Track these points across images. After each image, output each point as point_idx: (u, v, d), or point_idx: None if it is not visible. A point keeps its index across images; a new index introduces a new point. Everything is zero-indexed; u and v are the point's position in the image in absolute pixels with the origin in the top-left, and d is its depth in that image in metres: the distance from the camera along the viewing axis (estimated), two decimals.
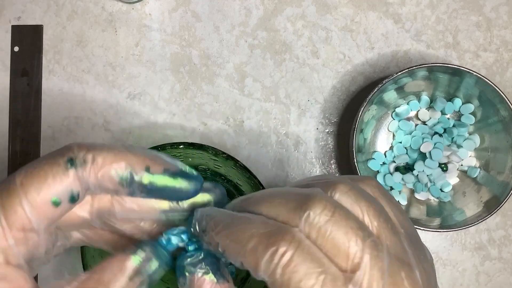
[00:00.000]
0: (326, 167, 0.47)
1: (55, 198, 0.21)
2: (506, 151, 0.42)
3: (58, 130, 0.47)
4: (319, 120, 0.47)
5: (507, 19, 0.48)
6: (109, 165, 0.22)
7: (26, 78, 0.47)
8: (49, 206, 0.21)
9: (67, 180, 0.21)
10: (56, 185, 0.21)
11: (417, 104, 0.46)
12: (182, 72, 0.47)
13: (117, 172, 0.22)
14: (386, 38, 0.48)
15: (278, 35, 0.48)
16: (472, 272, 0.47)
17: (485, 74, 0.47)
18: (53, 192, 0.21)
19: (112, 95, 0.47)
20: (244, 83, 0.47)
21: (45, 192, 0.21)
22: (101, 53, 0.47)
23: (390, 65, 0.47)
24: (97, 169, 0.22)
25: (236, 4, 0.48)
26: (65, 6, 0.48)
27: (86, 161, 0.21)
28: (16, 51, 0.47)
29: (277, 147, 0.47)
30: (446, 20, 0.48)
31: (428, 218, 0.44)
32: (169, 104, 0.47)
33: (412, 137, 0.45)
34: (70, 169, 0.21)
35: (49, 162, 0.21)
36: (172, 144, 0.37)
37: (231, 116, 0.47)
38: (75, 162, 0.21)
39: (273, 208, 0.21)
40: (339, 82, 0.47)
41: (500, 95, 0.41)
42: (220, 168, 0.40)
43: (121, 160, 0.22)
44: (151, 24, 0.48)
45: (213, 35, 0.47)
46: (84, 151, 0.21)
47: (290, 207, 0.20)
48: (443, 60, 0.47)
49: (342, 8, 0.48)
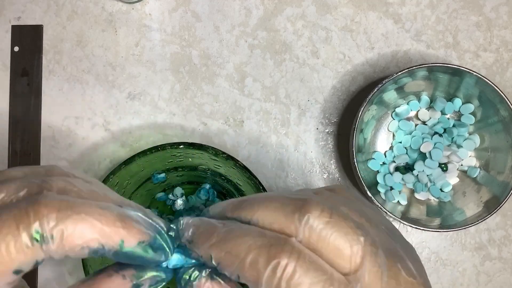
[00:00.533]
0: (326, 167, 0.47)
1: (17, 269, 0.20)
2: (506, 151, 0.42)
3: (58, 130, 0.47)
4: (319, 120, 0.47)
5: (507, 19, 0.48)
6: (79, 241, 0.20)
7: (26, 78, 0.47)
8: (10, 274, 0.20)
9: (31, 254, 0.20)
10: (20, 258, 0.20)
11: (417, 104, 0.46)
12: (182, 72, 0.47)
13: (88, 247, 0.20)
14: (386, 38, 0.48)
15: (278, 35, 0.48)
16: (472, 272, 0.47)
17: (485, 74, 0.47)
18: (16, 264, 0.20)
19: (112, 95, 0.47)
20: (244, 83, 0.47)
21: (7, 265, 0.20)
22: (101, 53, 0.47)
23: (390, 65, 0.47)
24: (66, 245, 0.20)
25: (236, 4, 0.48)
26: (65, 6, 0.48)
27: (54, 237, 0.20)
28: (16, 51, 0.47)
29: (277, 147, 0.47)
30: (446, 20, 0.48)
31: (428, 218, 0.44)
32: (169, 104, 0.47)
33: (412, 137, 0.45)
34: (35, 245, 0.19)
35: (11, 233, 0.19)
36: (172, 144, 0.37)
37: (231, 116, 0.47)
38: (42, 239, 0.19)
39: (269, 212, 0.21)
40: (339, 82, 0.47)
41: (500, 95, 0.41)
42: (220, 168, 0.40)
43: (93, 234, 0.20)
44: (151, 24, 0.48)
45: (213, 35, 0.47)
46: (53, 222, 0.20)
47: (287, 211, 0.20)
48: (443, 60, 0.47)
49: (342, 8, 0.48)
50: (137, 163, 0.38)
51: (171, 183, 0.45)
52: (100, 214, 0.20)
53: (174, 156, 0.39)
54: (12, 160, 0.46)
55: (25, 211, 0.20)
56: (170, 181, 0.44)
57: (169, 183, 0.45)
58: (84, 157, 0.46)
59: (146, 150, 0.37)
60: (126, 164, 0.37)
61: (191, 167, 0.42)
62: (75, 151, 0.47)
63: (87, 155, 0.46)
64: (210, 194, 0.45)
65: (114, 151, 0.47)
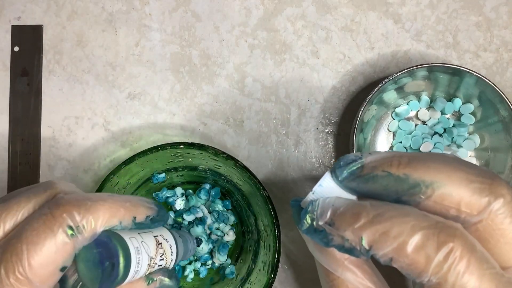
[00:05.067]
0: (326, 167, 0.47)
1: (62, 266, 0.22)
2: (506, 151, 0.42)
3: (58, 130, 0.47)
4: (319, 120, 0.47)
5: (507, 19, 0.48)
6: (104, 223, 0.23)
7: (26, 78, 0.47)
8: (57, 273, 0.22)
9: (70, 248, 0.22)
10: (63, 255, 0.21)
11: (417, 104, 0.46)
12: (182, 72, 0.47)
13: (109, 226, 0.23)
14: (386, 38, 0.48)
15: (278, 35, 0.48)
16: None
17: (485, 74, 0.47)
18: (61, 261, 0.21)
19: (112, 95, 0.47)
20: (244, 83, 0.47)
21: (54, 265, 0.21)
22: (101, 53, 0.47)
23: (390, 65, 0.47)
24: (95, 229, 0.22)
25: (236, 4, 0.48)
26: (65, 6, 0.48)
27: (85, 227, 0.22)
28: (16, 51, 0.47)
29: (277, 147, 0.47)
30: (446, 20, 0.48)
31: None
32: (169, 104, 0.47)
33: (412, 137, 0.45)
34: (72, 239, 0.22)
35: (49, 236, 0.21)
36: (172, 144, 0.37)
37: (231, 116, 0.47)
38: (75, 231, 0.22)
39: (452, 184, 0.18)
40: (339, 82, 0.47)
41: (500, 95, 0.41)
42: (220, 168, 0.40)
43: (114, 217, 0.23)
44: (151, 24, 0.48)
45: (213, 35, 0.47)
46: (81, 214, 0.22)
47: (474, 189, 0.18)
48: (443, 60, 0.47)
49: (342, 8, 0.48)
50: (137, 163, 0.37)
51: (171, 183, 0.45)
52: (112, 199, 0.23)
53: (174, 156, 0.39)
54: (12, 160, 0.46)
55: (52, 214, 0.21)
56: (170, 181, 0.44)
57: (169, 183, 0.45)
58: (84, 157, 0.46)
59: (146, 150, 0.37)
60: (126, 164, 0.37)
61: (191, 167, 0.42)
62: (75, 151, 0.47)
63: (87, 155, 0.46)
64: (211, 193, 0.45)
65: (114, 151, 0.47)
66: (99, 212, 0.22)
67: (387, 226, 0.18)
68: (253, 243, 0.42)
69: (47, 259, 0.21)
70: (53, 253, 0.21)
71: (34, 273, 0.20)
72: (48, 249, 0.21)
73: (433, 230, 0.17)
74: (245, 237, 0.45)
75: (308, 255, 0.45)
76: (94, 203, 0.22)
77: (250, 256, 0.42)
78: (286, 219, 0.46)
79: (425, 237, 0.17)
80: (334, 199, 0.20)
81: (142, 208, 0.25)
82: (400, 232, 0.17)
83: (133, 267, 0.23)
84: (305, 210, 0.21)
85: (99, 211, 0.22)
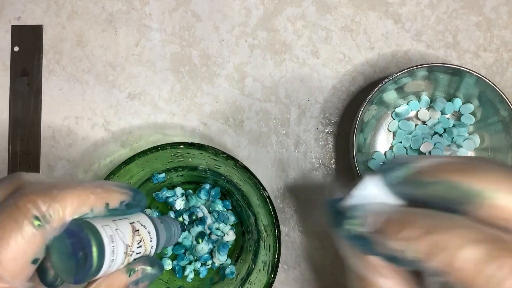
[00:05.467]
0: (326, 167, 0.47)
1: (34, 258, 0.21)
2: (506, 151, 0.42)
3: (58, 130, 0.47)
4: (319, 120, 0.47)
5: (507, 19, 0.48)
6: (73, 211, 0.22)
7: (26, 78, 0.47)
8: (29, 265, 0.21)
9: (40, 240, 0.21)
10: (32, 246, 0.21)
11: (417, 104, 0.46)
12: (182, 72, 0.47)
13: (80, 213, 0.22)
14: (386, 38, 0.48)
15: (278, 35, 0.48)
16: None
17: (485, 74, 0.47)
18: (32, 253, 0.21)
19: (112, 95, 0.47)
20: (244, 83, 0.47)
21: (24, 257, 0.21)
22: (101, 53, 0.47)
23: (390, 65, 0.47)
24: (64, 217, 0.21)
25: (236, 4, 0.48)
26: (65, 6, 0.48)
27: (52, 216, 0.21)
28: (16, 51, 0.47)
29: (277, 147, 0.47)
30: (446, 20, 0.48)
31: None
32: (169, 104, 0.47)
33: (412, 137, 0.45)
34: (39, 229, 0.21)
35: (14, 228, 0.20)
36: (172, 144, 0.37)
37: (231, 116, 0.47)
38: (42, 221, 0.21)
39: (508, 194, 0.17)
40: (339, 82, 0.47)
41: (500, 95, 0.41)
42: (220, 168, 0.40)
43: (84, 205, 0.22)
44: (151, 24, 0.48)
45: (213, 35, 0.47)
46: (47, 203, 0.21)
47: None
48: (443, 60, 0.47)
49: (342, 8, 0.48)
50: (137, 163, 0.37)
51: (171, 183, 0.45)
52: (82, 186, 0.22)
53: (174, 156, 0.39)
54: (12, 160, 0.46)
55: (16, 205, 0.21)
56: (170, 181, 0.44)
57: (169, 183, 0.45)
58: (84, 157, 0.46)
59: (146, 150, 0.37)
60: (126, 164, 0.37)
61: (191, 167, 0.42)
62: (75, 151, 0.47)
63: (87, 155, 0.46)
64: (211, 193, 0.45)
65: (114, 151, 0.47)
66: (66, 200, 0.21)
67: (444, 238, 0.17)
68: (253, 243, 0.42)
69: (16, 252, 0.20)
70: (22, 246, 0.20)
71: (4, 268, 0.20)
72: (16, 242, 0.20)
73: (485, 243, 0.17)
74: (245, 237, 0.45)
75: (308, 255, 0.45)
76: (61, 191, 0.21)
77: (250, 256, 0.42)
78: (286, 219, 0.46)
79: (482, 251, 0.16)
80: (383, 206, 0.20)
81: (115, 193, 0.24)
82: (455, 244, 0.17)
83: (108, 256, 0.23)
84: (346, 214, 0.20)
85: (66, 199, 0.21)
